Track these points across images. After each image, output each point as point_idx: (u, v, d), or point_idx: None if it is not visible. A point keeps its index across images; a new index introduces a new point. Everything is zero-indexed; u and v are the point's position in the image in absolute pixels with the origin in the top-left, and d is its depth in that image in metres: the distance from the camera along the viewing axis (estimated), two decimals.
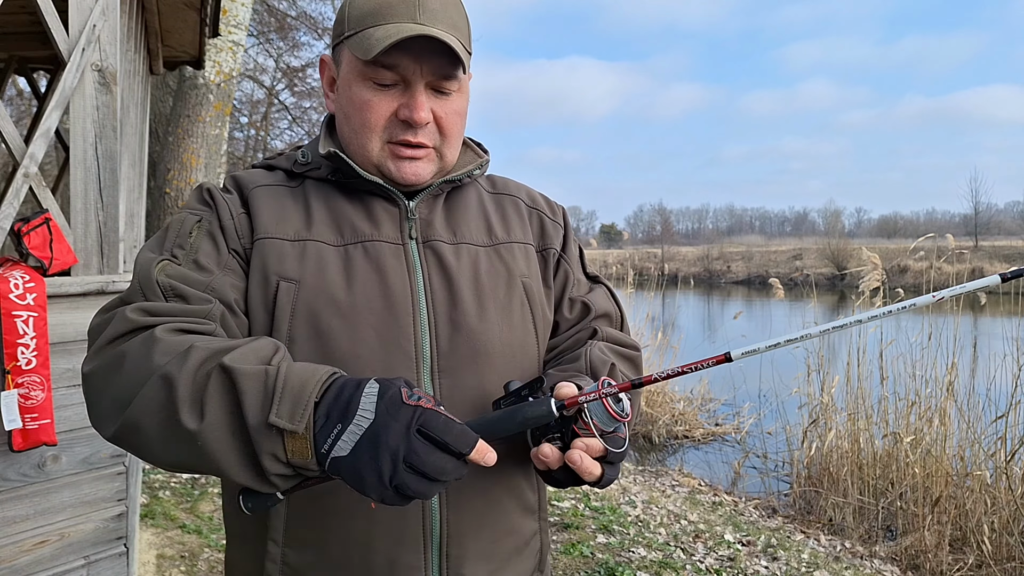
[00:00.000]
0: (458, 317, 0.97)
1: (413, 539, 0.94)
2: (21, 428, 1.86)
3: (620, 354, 1.08)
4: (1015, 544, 4.01)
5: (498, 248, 1.07)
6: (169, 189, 6.07)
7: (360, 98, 0.97)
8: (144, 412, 0.77)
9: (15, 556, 1.97)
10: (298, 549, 0.94)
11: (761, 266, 41.79)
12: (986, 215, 76.20)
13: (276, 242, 0.96)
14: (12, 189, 2.02)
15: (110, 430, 0.82)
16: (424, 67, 0.94)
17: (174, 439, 0.76)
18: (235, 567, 1.03)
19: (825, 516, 4.96)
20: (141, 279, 0.89)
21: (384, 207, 1.01)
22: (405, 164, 0.99)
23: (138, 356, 0.80)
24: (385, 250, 0.98)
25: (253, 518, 0.95)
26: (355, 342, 0.92)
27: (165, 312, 0.86)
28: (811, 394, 5.79)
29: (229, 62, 6.13)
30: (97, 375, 0.84)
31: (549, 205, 1.19)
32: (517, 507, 1.04)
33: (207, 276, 0.92)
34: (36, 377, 1.87)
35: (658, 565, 3.67)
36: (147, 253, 0.94)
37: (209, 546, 3.53)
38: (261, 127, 15.34)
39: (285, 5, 12.62)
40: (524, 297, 1.05)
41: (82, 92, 2.12)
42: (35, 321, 1.87)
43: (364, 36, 0.93)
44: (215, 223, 0.97)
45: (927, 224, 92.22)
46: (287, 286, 0.93)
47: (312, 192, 1.02)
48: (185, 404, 0.75)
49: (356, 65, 0.96)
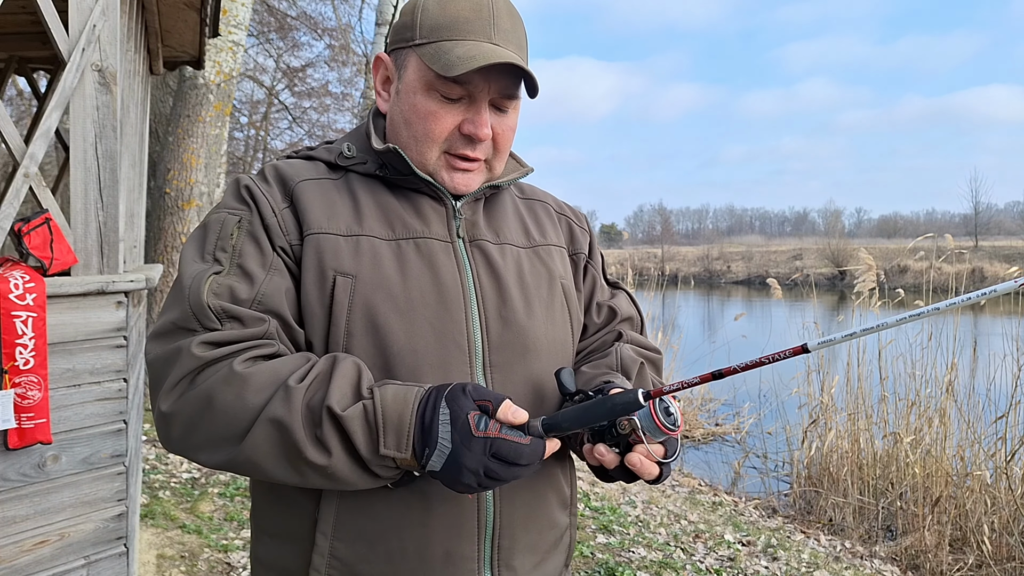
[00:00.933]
0: (507, 313, 1.00)
1: (468, 530, 0.95)
2: (17, 428, 1.86)
3: (645, 356, 1.13)
4: (1015, 544, 4.01)
5: (537, 250, 1.10)
6: (169, 189, 6.07)
7: (425, 108, 0.98)
8: (259, 451, 0.84)
9: (15, 556, 1.97)
10: (349, 541, 0.94)
11: (761, 266, 41.79)
12: (986, 215, 76.21)
13: (330, 237, 0.96)
14: (12, 189, 2.02)
15: (214, 459, 0.88)
16: (492, 86, 0.97)
17: (300, 470, 0.85)
18: (268, 566, 1.01)
19: (825, 516, 4.96)
20: (192, 302, 0.89)
21: (431, 205, 1.03)
22: (458, 175, 1.01)
23: (230, 395, 0.84)
24: (436, 247, 1.00)
25: (296, 514, 0.97)
26: (411, 336, 0.94)
27: (228, 340, 0.87)
28: (811, 394, 5.79)
29: (229, 62, 6.13)
30: (183, 414, 0.87)
31: (574, 212, 1.24)
32: (556, 501, 1.07)
33: (254, 286, 0.92)
34: (34, 377, 1.88)
35: (658, 565, 3.67)
36: (191, 263, 0.94)
37: (209, 546, 3.53)
38: (261, 127, 15.34)
39: (285, 5, 12.62)
40: (563, 298, 1.09)
41: (82, 92, 2.12)
42: (34, 321, 1.87)
43: (440, 49, 0.95)
44: (257, 222, 0.96)
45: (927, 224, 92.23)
46: (344, 281, 0.93)
47: (358, 186, 1.02)
48: (308, 445, 0.83)
49: (426, 75, 0.97)
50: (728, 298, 25.75)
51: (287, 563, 0.98)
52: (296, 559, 0.96)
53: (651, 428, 0.85)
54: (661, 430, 0.85)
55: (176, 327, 0.89)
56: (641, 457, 0.87)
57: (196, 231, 0.99)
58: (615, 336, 1.15)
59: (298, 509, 0.96)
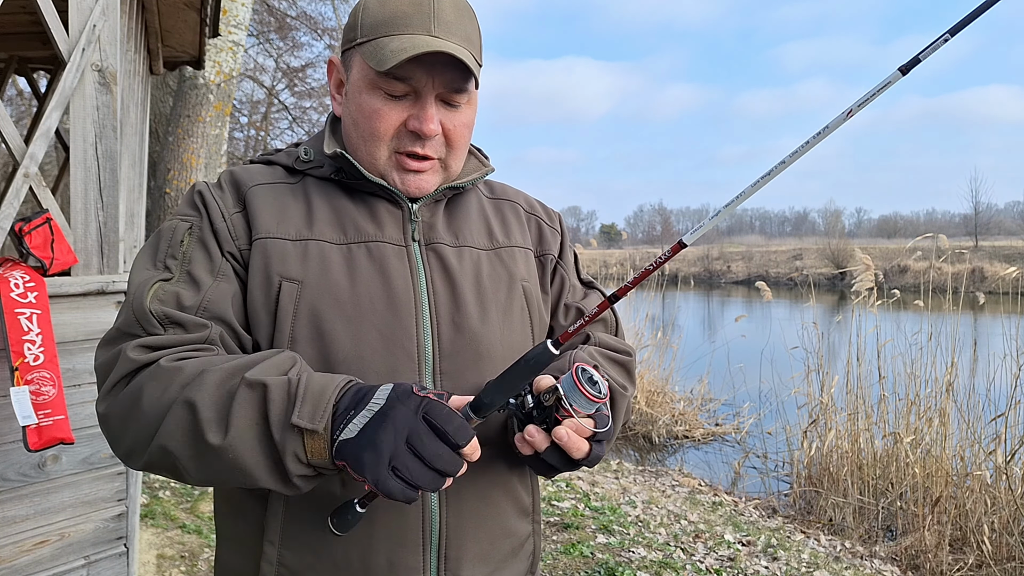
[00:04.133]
0: (460, 319, 0.98)
1: (413, 540, 0.94)
2: (36, 425, 1.84)
3: (610, 358, 1.08)
4: (1015, 544, 4.01)
5: (499, 252, 1.07)
6: (169, 189, 6.07)
7: (370, 107, 0.96)
8: (170, 438, 0.80)
9: (15, 556, 1.97)
10: (296, 550, 0.93)
11: (761, 266, 41.78)
12: (986, 215, 76.21)
13: (278, 242, 0.95)
14: (12, 189, 2.02)
15: (140, 461, 0.85)
16: (436, 80, 0.95)
17: (203, 457, 0.80)
18: (227, 569, 1.02)
19: (825, 516, 4.96)
20: (135, 308, 0.89)
21: (387, 208, 1.01)
22: (410, 177, 0.99)
23: (153, 390, 0.82)
24: (389, 251, 0.98)
25: (247, 520, 0.96)
26: (358, 343, 0.92)
27: (165, 344, 0.87)
28: (811, 394, 5.79)
29: (229, 62, 6.13)
30: (114, 414, 0.86)
31: (546, 211, 1.21)
32: (513, 509, 1.04)
33: (200, 292, 0.91)
34: (45, 373, 1.86)
35: (658, 565, 3.67)
36: (142, 270, 0.94)
37: (209, 546, 3.53)
38: (261, 127, 15.34)
39: (285, 5, 12.62)
40: (524, 301, 1.06)
41: (82, 92, 2.12)
42: (39, 318, 1.87)
43: (378, 45, 0.93)
44: (207, 228, 0.96)
45: (927, 224, 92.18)
46: (290, 286, 0.92)
47: (313, 190, 1.01)
48: (211, 424, 0.79)
49: (368, 73, 0.96)
50: (728, 298, 25.76)
51: (241, 567, 0.98)
52: (249, 563, 0.96)
53: (576, 397, 0.82)
54: (587, 397, 0.82)
55: (120, 333, 0.90)
56: (568, 430, 0.83)
57: (151, 238, 0.99)
58: (583, 338, 1.11)
59: (248, 516, 0.96)
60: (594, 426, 0.86)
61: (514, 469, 1.03)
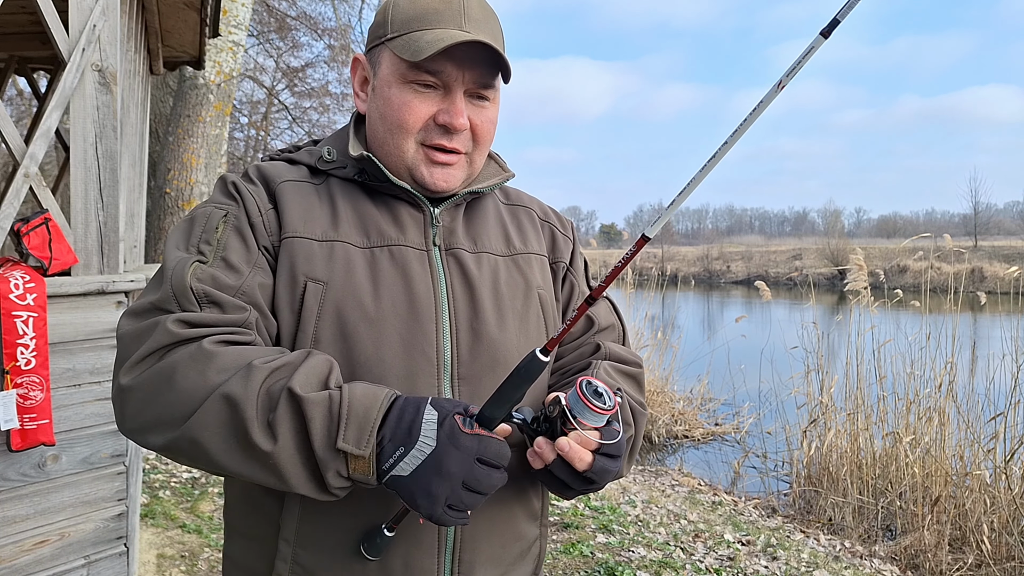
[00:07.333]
0: (479, 326, 0.99)
1: (428, 543, 0.95)
2: (19, 428, 1.86)
3: (624, 373, 1.09)
4: (1014, 544, 4.02)
5: (516, 259, 1.08)
6: (169, 189, 6.07)
7: (400, 99, 0.97)
8: (206, 428, 0.80)
9: (15, 556, 1.97)
10: (312, 550, 0.94)
11: (761, 266, 41.76)
12: (986, 215, 76.24)
13: (304, 242, 0.95)
14: (12, 189, 2.02)
15: (159, 441, 0.84)
16: (467, 74, 0.96)
17: (242, 455, 0.80)
18: (237, 564, 1.02)
19: (825, 516, 4.96)
20: (174, 284, 0.88)
21: (409, 212, 1.02)
22: (438, 170, 1.00)
23: (192, 372, 0.81)
24: (411, 256, 0.99)
25: (263, 517, 0.96)
26: (380, 346, 0.93)
27: (206, 323, 0.86)
28: (810, 394, 5.80)
29: (229, 62, 6.13)
30: (140, 388, 0.84)
31: (560, 219, 1.22)
32: (524, 514, 1.06)
33: (238, 278, 0.91)
34: (35, 377, 1.87)
35: (658, 565, 3.67)
36: (175, 251, 0.93)
37: (209, 546, 3.53)
38: (261, 127, 15.34)
39: (285, 5, 12.61)
40: (540, 308, 1.07)
41: (82, 92, 2.13)
42: (35, 321, 1.87)
43: (411, 39, 0.95)
44: (243, 218, 0.96)
45: (927, 224, 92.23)
46: (315, 287, 0.93)
47: (337, 191, 1.02)
48: (255, 425, 0.79)
49: (399, 67, 0.97)
50: (728, 298, 25.76)
51: (253, 563, 0.98)
52: (262, 560, 0.97)
53: (581, 410, 0.83)
54: (591, 410, 0.82)
55: (154, 307, 0.88)
56: (570, 441, 0.84)
57: (181, 223, 0.98)
58: (592, 348, 1.12)
59: (264, 512, 0.96)
60: (600, 438, 0.86)
61: (527, 475, 1.03)
